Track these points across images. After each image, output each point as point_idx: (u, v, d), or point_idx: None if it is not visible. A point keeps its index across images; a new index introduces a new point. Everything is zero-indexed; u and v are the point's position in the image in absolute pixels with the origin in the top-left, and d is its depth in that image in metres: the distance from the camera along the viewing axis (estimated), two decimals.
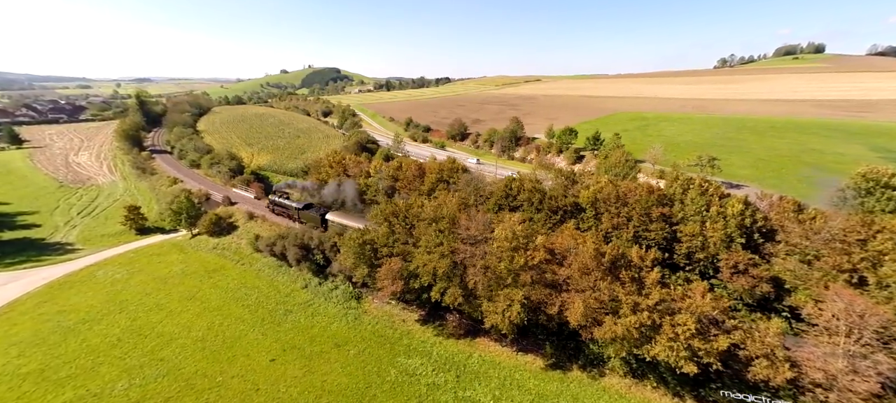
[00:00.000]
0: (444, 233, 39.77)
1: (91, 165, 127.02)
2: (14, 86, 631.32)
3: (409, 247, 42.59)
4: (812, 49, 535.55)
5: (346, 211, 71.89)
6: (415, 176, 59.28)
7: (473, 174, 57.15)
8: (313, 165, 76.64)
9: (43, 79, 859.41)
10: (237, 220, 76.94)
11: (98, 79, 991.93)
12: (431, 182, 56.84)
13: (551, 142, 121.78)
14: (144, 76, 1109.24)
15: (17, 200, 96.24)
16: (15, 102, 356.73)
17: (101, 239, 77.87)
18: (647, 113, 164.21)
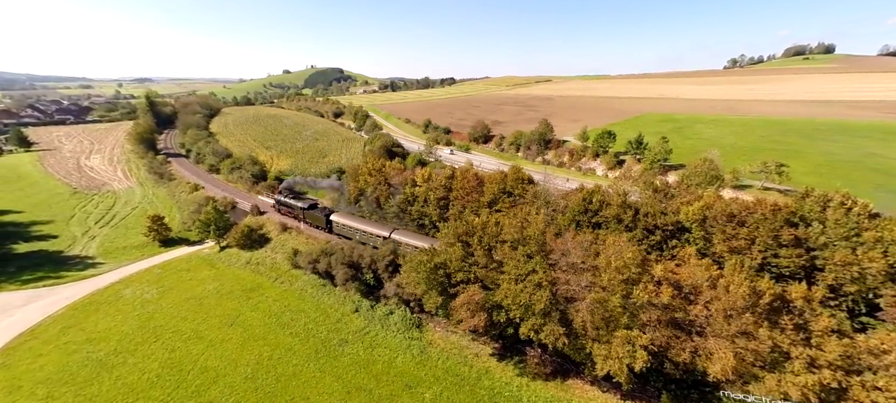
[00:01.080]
0: (535, 259, 34.35)
1: (105, 169, 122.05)
2: (15, 87, 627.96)
3: (490, 273, 37.14)
4: (822, 49, 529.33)
5: (352, 213, 71.51)
6: (472, 187, 53.78)
7: (540, 184, 51.61)
8: (350, 172, 71.24)
9: (43, 79, 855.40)
10: (269, 232, 71.75)
11: (99, 79, 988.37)
12: (493, 193, 51.40)
13: (585, 145, 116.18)
14: (145, 76, 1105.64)
15: (30, 208, 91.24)
16: (19, 103, 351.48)
17: (123, 251, 72.74)
18: (676, 115, 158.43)
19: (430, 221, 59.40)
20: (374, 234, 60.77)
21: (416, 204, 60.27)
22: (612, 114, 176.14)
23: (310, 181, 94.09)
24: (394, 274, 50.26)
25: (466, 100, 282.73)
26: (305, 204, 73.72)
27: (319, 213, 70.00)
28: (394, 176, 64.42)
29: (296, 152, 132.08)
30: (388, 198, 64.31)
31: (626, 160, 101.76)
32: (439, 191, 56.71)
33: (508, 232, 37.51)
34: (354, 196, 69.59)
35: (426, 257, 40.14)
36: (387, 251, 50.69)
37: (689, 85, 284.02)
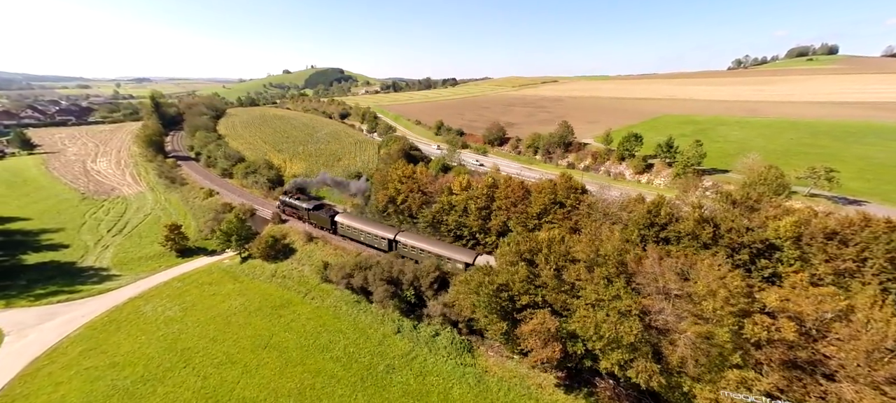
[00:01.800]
0: (617, 283, 30.81)
1: (113, 173, 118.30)
2: (12, 86, 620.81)
3: (560, 296, 33.56)
4: (825, 50, 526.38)
5: (357, 215, 72.65)
6: (518, 196, 50.22)
7: (595, 194, 48.01)
8: (378, 180, 67.43)
9: (40, 78, 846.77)
10: (294, 242, 68.12)
11: (96, 78, 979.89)
12: (542, 203, 47.79)
13: (610, 147, 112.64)
14: (143, 76, 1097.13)
15: (38, 215, 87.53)
16: (18, 103, 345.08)
17: (138, 262, 69.10)
18: (696, 116, 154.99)
19: (470, 232, 55.79)
20: (379, 236, 60.98)
21: (453, 214, 56.63)
22: (629, 116, 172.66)
23: (337, 181, 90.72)
24: (439, 292, 46.63)
25: (474, 101, 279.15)
26: (310, 205, 73.45)
27: (324, 214, 70.32)
28: (428, 183, 60.76)
29: (309, 155, 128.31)
30: (422, 206, 60.63)
31: (655, 164, 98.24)
32: (480, 200, 53.07)
33: (581, 251, 33.92)
34: (383, 204, 65.89)
35: (485, 277, 36.56)
36: (431, 266, 47.10)
37: (698, 85, 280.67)
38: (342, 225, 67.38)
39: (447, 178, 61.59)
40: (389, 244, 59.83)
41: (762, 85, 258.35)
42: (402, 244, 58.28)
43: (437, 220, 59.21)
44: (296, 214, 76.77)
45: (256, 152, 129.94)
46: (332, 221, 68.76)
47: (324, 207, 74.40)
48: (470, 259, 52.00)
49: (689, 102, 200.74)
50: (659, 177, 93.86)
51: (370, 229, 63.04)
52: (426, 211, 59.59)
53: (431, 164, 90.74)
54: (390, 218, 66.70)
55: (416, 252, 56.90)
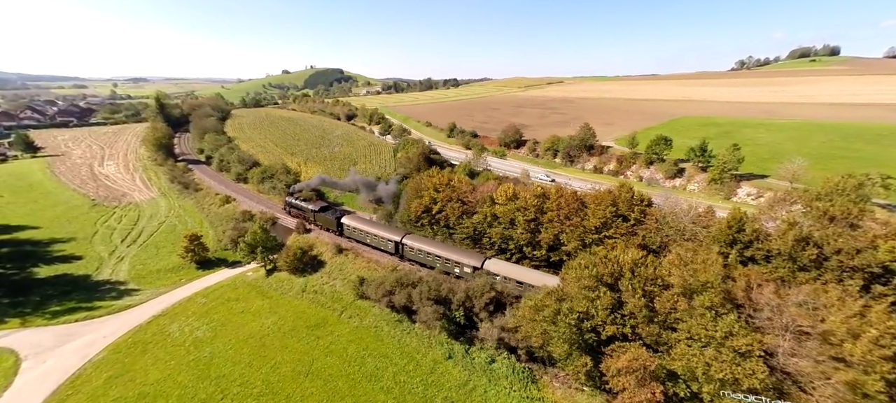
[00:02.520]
0: (729, 316, 27.29)
1: (122, 178, 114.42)
2: (8, 86, 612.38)
3: (652, 329, 30.04)
4: (827, 51, 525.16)
5: (363, 217, 73.53)
6: (573, 208, 46.71)
7: (662, 207, 44.48)
8: (412, 188, 63.84)
9: (35, 78, 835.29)
10: (322, 254, 64.50)
11: (92, 78, 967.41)
12: (602, 216, 44.28)
13: (635, 151, 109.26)
14: (140, 75, 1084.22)
15: (47, 223, 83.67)
16: (15, 103, 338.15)
17: (157, 275, 65.39)
18: (716, 118, 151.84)
19: (517, 246, 52.22)
20: (385, 238, 61.28)
21: (496, 227, 53.05)
22: (646, 118, 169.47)
23: (369, 181, 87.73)
24: (494, 313, 43.04)
25: (482, 102, 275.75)
26: (316, 207, 73.80)
27: (330, 216, 70.56)
28: (467, 192, 57.18)
29: (323, 159, 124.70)
30: (461, 217, 57.05)
31: (687, 168, 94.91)
32: (530, 211, 49.52)
33: (674, 275, 30.38)
34: (417, 213, 62.29)
35: (560, 304, 32.99)
36: (484, 285, 43.51)
37: (708, 86, 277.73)
38: (348, 227, 67.53)
39: (487, 187, 57.89)
40: (396, 246, 60.12)
41: (775, 86, 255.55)
42: (408, 247, 58.39)
43: (478, 232, 55.65)
44: (302, 216, 76.80)
45: (269, 156, 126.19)
46: (338, 223, 69.02)
47: (329, 209, 74.46)
48: (478, 262, 51.29)
49: (703, 103, 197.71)
50: (692, 182, 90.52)
51: (377, 232, 63.14)
52: (467, 222, 55.98)
53: (457, 169, 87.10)
54: (424, 230, 63.11)
55: (422, 255, 56.94)
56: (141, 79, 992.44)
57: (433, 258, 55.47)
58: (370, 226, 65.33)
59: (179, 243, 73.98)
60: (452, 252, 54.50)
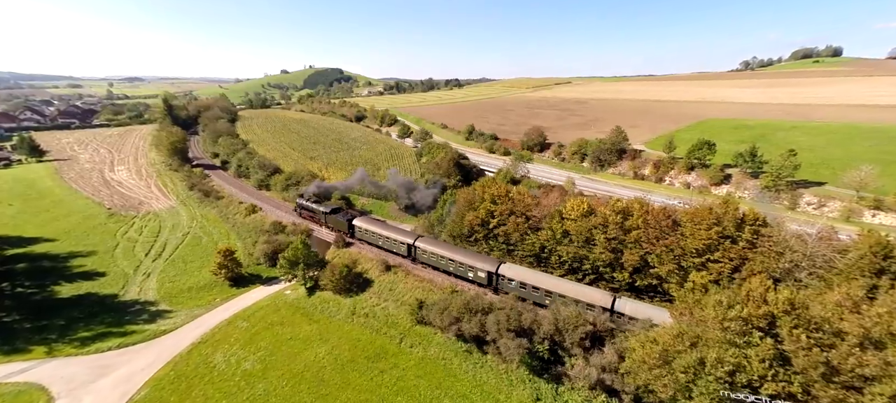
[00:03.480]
0: None
1: (136, 184, 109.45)
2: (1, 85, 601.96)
3: (829, 390, 25.47)
4: (829, 52, 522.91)
5: (375, 219, 74.02)
6: (665, 226, 42.28)
7: (776, 229, 39.84)
8: (464, 200, 59.25)
9: (28, 77, 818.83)
10: (368, 271, 59.88)
11: (86, 77, 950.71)
12: (703, 238, 39.80)
13: (673, 155, 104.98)
14: (135, 75, 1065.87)
15: (63, 235, 78.75)
16: (15, 104, 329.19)
17: (188, 294, 60.68)
18: (746, 120, 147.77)
19: (593, 267, 47.74)
20: (398, 241, 61.18)
21: (569, 245, 48.54)
22: (669, 119, 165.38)
23: (411, 184, 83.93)
24: (592, 348, 38.50)
25: (493, 104, 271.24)
26: (328, 209, 73.67)
27: (342, 218, 70.57)
28: (531, 206, 52.67)
29: (344, 164, 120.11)
30: (525, 234, 52.52)
31: (734, 174, 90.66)
32: (611, 229, 45.03)
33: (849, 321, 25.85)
34: (471, 227, 57.76)
35: (698, 351, 28.35)
36: (576, 316, 38.91)
37: (725, 88, 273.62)
38: (360, 228, 67.61)
39: (551, 199, 53.39)
40: (408, 249, 60.00)
41: (790, 87, 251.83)
42: (420, 250, 58.51)
43: (545, 251, 51.12)
44: (313, 218, 77.54)
45: (287, 160, 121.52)
46: (349, 225, 69.28)
47: (341, 211, 74.36)
48: (493, 267, 50.45)
49: (724, 105, 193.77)
50: (741, 190, 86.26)
51: (389, 234, 63.01)
52: (532, 239, 51.44)
53: (498, 177, 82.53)
54: (478, 245, 58.59)
55: (435, 258, 56.61)
56: (136, 78, 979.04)
57: (446, 261, 55.23)
58: (382, 228, 65.08)
59: (208, 257, 69.54)
60: (466, 256, 54.01)
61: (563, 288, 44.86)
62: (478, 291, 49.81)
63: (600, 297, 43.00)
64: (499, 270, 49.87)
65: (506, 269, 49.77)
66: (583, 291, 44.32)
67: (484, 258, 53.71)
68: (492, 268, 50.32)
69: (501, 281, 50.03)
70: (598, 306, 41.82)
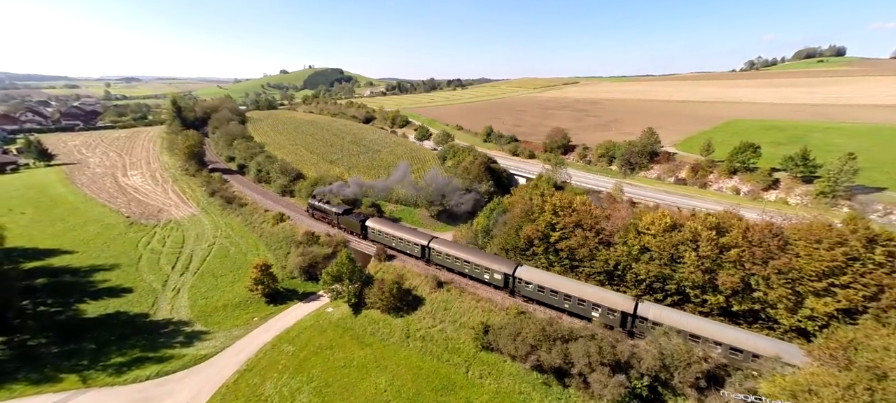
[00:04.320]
0: None
1: (152, 190, 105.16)
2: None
3: None
4: (832, 52, 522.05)
5: (387, 220, 74.04)
6: (774, 245, 38.22)
7: None
8: (520, 210, 55.22)
9: (24, 77, 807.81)
10: (416, 287, 55.83)
11: (82, 77, 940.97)
12: (826, 260, 35.58)
13: (712, 159, 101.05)
14: (132, 75, 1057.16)
15: (83, 246, 74.58)
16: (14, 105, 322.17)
17: (224, 312, 56.60)
18: (776, 121, 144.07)
19: (678, 287, 43.65)
20: (412, 242, 61.16)
21: (649, 263, 44.50)
22: (692, 120, 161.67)
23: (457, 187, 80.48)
24: (707, 388, 34.37)
25: (503, 104, 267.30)
26: (340, 210, 74.01)
27: (354, 219, 70.90)
28: (601, 218, 48.64)
29: (366, 168, 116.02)
30: (595, 250, 48.48)
31: (782, 179, 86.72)
32: (704, 246, 40.99)
33: None
34: (527, 240, 53.74)
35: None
36: (689, 352, 34.83)
37: (737, 88, 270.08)
38: (373, 229, 67.68)
39: (621, 212, 49.38)
40: (422, 250, 59.96)
41: (806, 87, 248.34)
42: (435, 251, 58.34)
43: (619, 268, 47.09)
44: (325, 219, 77.65)
45: (307, 164, 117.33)
46: (362, 226, 69.53)
47: (353, 212, 74.25)
48: (509, 269, 50.48)
49: (747, 105, 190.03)
50: (791, 196, 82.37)
51: (403, 235, 62.89)
52: (604, 254, 47.41)
53: (539, 182, 78.47)
54: (537, 260, 54.48)
55: (450, 260, 56.68)
56: (133, 78, 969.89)
57: (461, 263, 55.29)
58: (396, 230, 64.96)
59: (239, 271, 65.58)
60: (481, 257, 54.38)
61: (583, 292, 45.07)
62: (552, 315, 45.67)
63: (622, 301, 42.85)
64: (516, 272, 49.93)
65: (523, 271, 49.89)
66: (604, 295, 44.26)
67: (500, 259, 54.07)
68: (509, 270, 50.38)
69: (518, 284, 50.07)
70: (619, 310, 42.28)
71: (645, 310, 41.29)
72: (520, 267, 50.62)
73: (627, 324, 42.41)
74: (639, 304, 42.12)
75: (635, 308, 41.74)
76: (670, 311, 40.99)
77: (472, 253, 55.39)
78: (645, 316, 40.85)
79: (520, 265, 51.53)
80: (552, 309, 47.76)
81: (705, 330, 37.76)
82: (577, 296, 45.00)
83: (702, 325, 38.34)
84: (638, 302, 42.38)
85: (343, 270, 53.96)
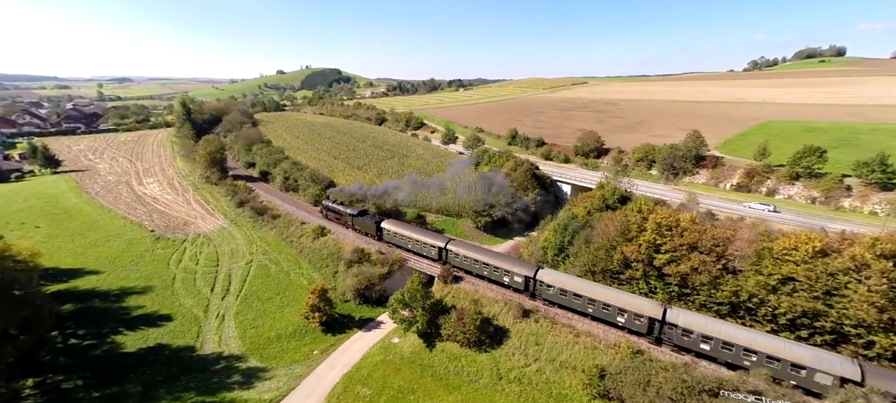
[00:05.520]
0: None
1: (172, 200, 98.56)
2: None
3: None
4: (833, 52, 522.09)
5: (403, 221, 73.39)
6: None
7: None
8: (615, 228, 49.37)
9: (11, 78, 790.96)
10: (497, 316, 49.90)
11: (72, 78, 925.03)
12: None
13: (768, 164, 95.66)
14: (124, 75, 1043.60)
15: (108, 265, 68.17)
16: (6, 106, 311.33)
17: (278, 345, 50.53)
18: (816, 123, 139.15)
19: (837, 325, 37.23)
20: (429, 244, 60.97)
21: (794, 297, 38.41)
22: (725, 122, 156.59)
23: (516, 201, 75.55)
24: None
25: (516, 105, 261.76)
26: (354, 211, 73.13)
27: (369, 220, 70.18)
28: (723, 241, 42.81)
29: (395, 174, 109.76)
30: (717, 278, 42.58)
31: (853, 186, 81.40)
32: (875, 279, 35.12)
33: None
34: (622, 262, 47.91)
35: None
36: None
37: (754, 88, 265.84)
38: (388, 231, 67.02)
39: (744, 232, 43.57)
40: (439, 252, 59.72)
41: (825, 87, 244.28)
42: (453, 254, 58.05)
43: (752, 300, 41.00)
44: (340, 221, 76.84)
45: (334, 171, 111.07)
46: (377, 228, 68.63)
47: (367, 213, 73.52)
48: (530, 272, 50.66)
49: (775, 106, 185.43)
50: (867, 204, 77.13)
51: (419, 237, 62.48)
52: (731, 283, 41.54)
53: (604, 191, 72.62)
54: (635, 285, 48.61)
55: (469, 262, 56.30)
56: (125, 78, 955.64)
57: (480, 265, 55.12)
58: (412, 231, 64.60)
59: (286, 293, 59.74)
60: (500, 260, 54.66)
61: (607, 296, 44.76)
62: (687, 360, 39.56)
63: (650, 307, 42.31)
64: (537, 275, 50.05)
65: (544, 274, 50.10)
66: (630, 300, 43.77)
67: (520, 262, 55.09)
68: (529, 273, 50.52)
69: (539, 287, 50.04)
70: (646, 316, 41.83)
71: (674, 317, 40.61)
72: (541, 270, 50.91)
73: (654, 331, 41.99)
74: (668, 310, 41.77)
75: (664, 314, 41.36)
76: (703, 318, 40.30)
77: (490, 256, 55.93)
78: (674, 322, 40.26)
79: (541, 267, 51.97)
80: (574, 313, 47.99)
81: (741, 338, 36.91)
82: (601, 301, 44.69)
83: (737, 333, 37.46)
84: (667, 308, 42.03)
85: (416, 297, 47.90)
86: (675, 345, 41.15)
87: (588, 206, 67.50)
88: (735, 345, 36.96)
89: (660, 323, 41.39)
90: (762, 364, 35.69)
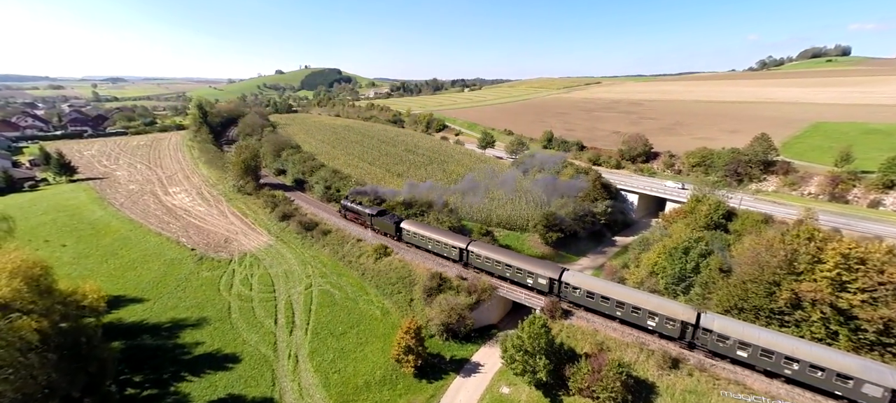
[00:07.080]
0: None
1: (206, 212, 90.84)
2: None
3: None
4: (838, 52, 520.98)
5: (423, 222, 71.03)
6: None
7: None
8: (779, 260, 41.83)
9: (2, 78, 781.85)
10: (633, 364, 42.29)
11: (65, 78, 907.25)
12: None
13: (852, 171, 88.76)
14: (118, 75, 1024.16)
15: (151, 292, 60.59)
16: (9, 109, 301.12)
17: (368, 395, 43.30)
18: (872, 124, 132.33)
19: None
20: (450, 245, 60.01)
21: None
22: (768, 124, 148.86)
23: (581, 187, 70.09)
24: None
25: (538, 105, 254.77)
26: (374, 211, 72.35)
27: (388, 220, 69.03)
28: None
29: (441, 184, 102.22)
30: None
31: None
32: None
33: None
34: (787, 303, 40.42)
35: None
36: None
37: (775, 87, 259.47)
38: (408, 232, 66.08)
39: None
40: (460, 253, 58.95)
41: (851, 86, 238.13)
42: (475, 255, 57.48)
43: None
44: (358, 220, 76.27)
45: (375, 179, 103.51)
46: (396, 228, 67.58)
47: (387, 213, 72.22)
48: (555, 274, 49.94)
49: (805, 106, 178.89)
50: None
51: (440, 237, 61.43)
52: None
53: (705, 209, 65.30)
54: (803, 327, 40.71)
55: (491, 263, 55.98)
56: (119, 79, 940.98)
57: (503, 267, 54.66)
58: (432, 232, 63.39)
59: (361, 326, 52.90)
60: (524, 262, 54.09)
61: (637, 299, 43.95)
62: None
63: (683, 311, 41.39)
64: (562, 277, 49.35)
65: (570, 276, 49.45)
66: (661, 304, 42.99)
67: (544, 263, 54.99)
68: (555, 275, 49.83)
69: (565, 289, 49.24)
70: (679, 320, 40.86)
71: (709, 322, 39.43)
72: (566, 272, 50.21)
73: (687, 335, 41.03)
74: (701, 315, 40.53)
75: (697, 318, 40.34)
76: (740, 324, 39.00)
77: (513, 257, 55.39)
78: (709, 327, 39.09)
79: (566, 269, 51.13)
80: (602, 317, 47.17)
81: (782, 345, 35.51)
82: (630, 304, 43.84)
83: (777, 340, 36.05)
84: (700, 313, 40.86)
85: (541, 342, 40.39)
86: (708, 351, 40.12)
87: (690, 224, 60.37)
88: (775, 353, 35.60)
89: (693, 328, 40.50)
90: (805, 373, 34.37)
